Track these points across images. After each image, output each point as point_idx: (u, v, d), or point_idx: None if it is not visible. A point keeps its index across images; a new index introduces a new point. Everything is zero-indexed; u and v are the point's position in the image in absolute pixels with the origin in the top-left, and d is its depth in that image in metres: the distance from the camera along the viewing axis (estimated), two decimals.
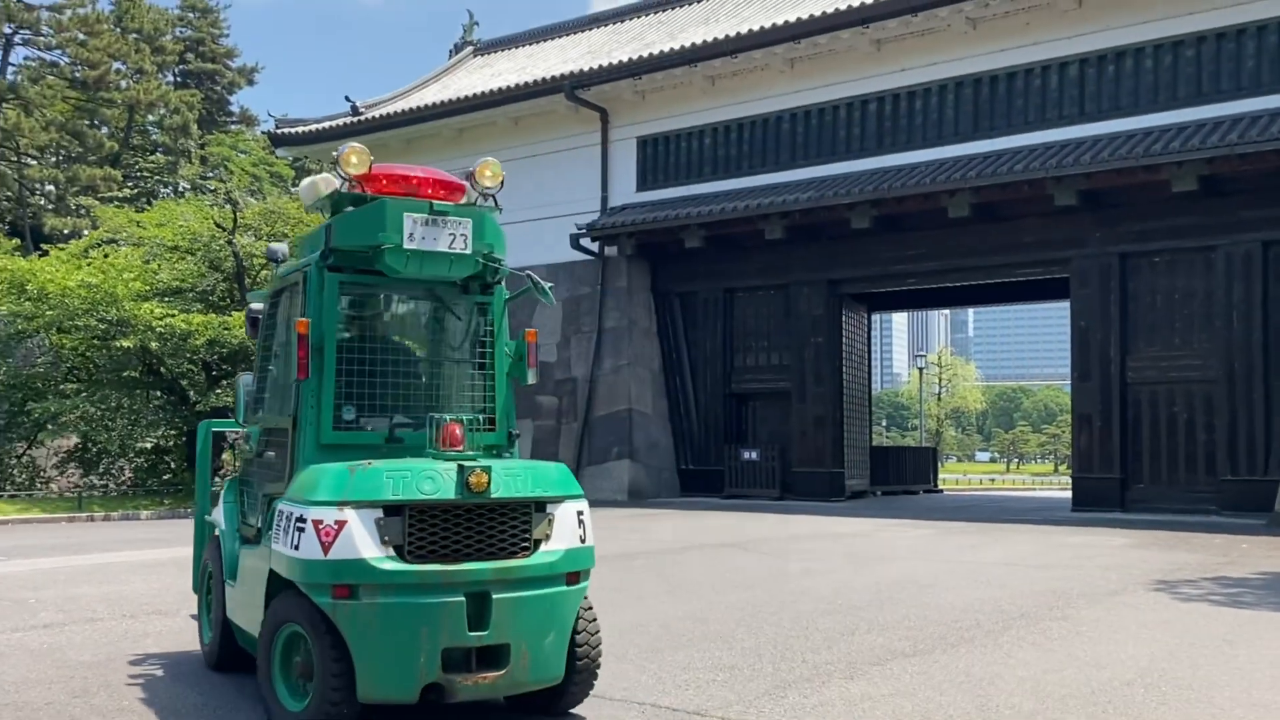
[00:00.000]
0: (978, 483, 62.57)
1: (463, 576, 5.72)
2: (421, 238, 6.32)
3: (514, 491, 5.95)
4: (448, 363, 6.91)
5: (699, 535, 17.18)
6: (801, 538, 16.93)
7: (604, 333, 29.00)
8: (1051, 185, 22.40)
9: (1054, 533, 18.00)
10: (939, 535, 17.61)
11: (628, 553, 14.57)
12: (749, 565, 13.23)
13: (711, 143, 28.23)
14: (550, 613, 6.00)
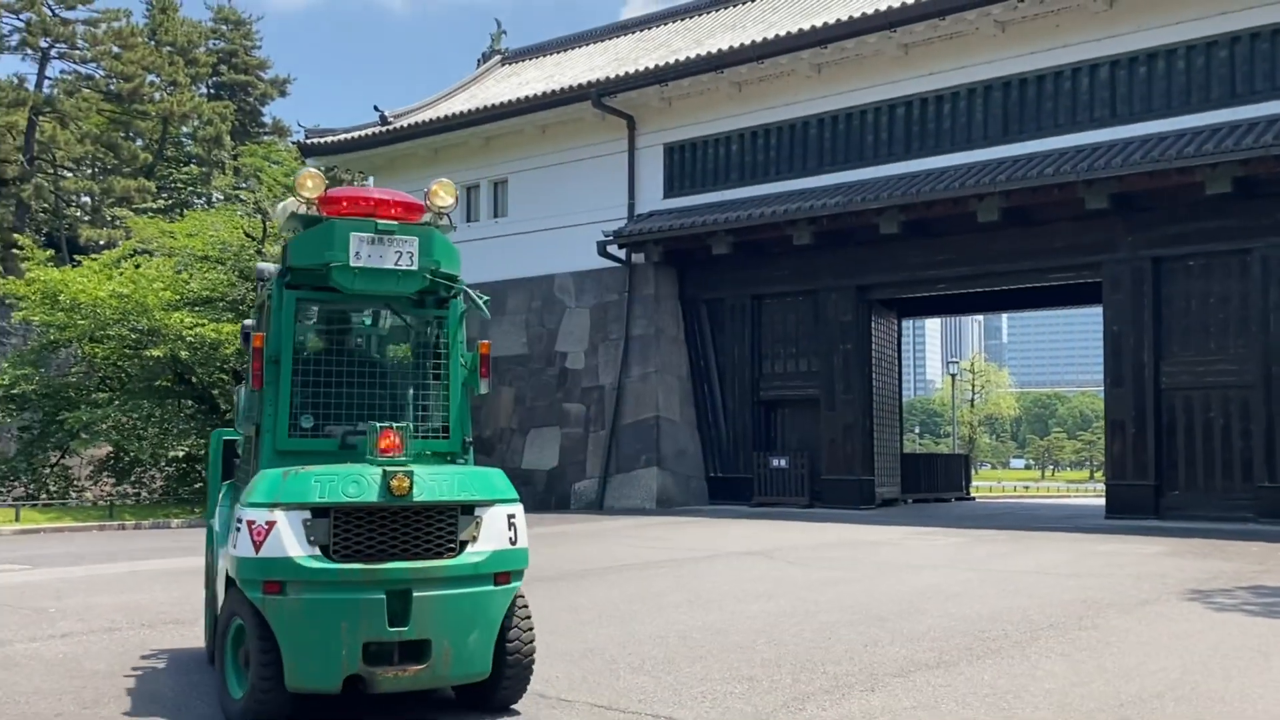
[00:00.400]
0: (1011, 490, 61.98)
1: (383, 575, 6.05)
2: (368, 255, 6.66)
3: (437, 495, 6.23)
4: (404, 374, 7.20)
5: (724, 544, 17.03)
6: (828, 546, 16.75)
7: (631, 340, 28.89)
8: (1082, 189, 22.11)
9: (1086, 541, 17.72)
10: (968, 544, 17.38)
11: (651, 562, 14.45)
12: (773, 574, 13.08)
13: (738, 149, 28.10)
14: (474, 611, 6.27)
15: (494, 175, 32.51)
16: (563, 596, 11.18)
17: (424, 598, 6.09)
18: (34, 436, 28.53)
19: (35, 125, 49.46)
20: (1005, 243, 24.49)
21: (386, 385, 7.13)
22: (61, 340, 27.84)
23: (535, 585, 11.89)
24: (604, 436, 28.61)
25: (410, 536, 6.18)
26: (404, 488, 6.10)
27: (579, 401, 29.51)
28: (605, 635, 9.00)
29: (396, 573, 6.06)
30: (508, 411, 30.76)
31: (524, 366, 30.78)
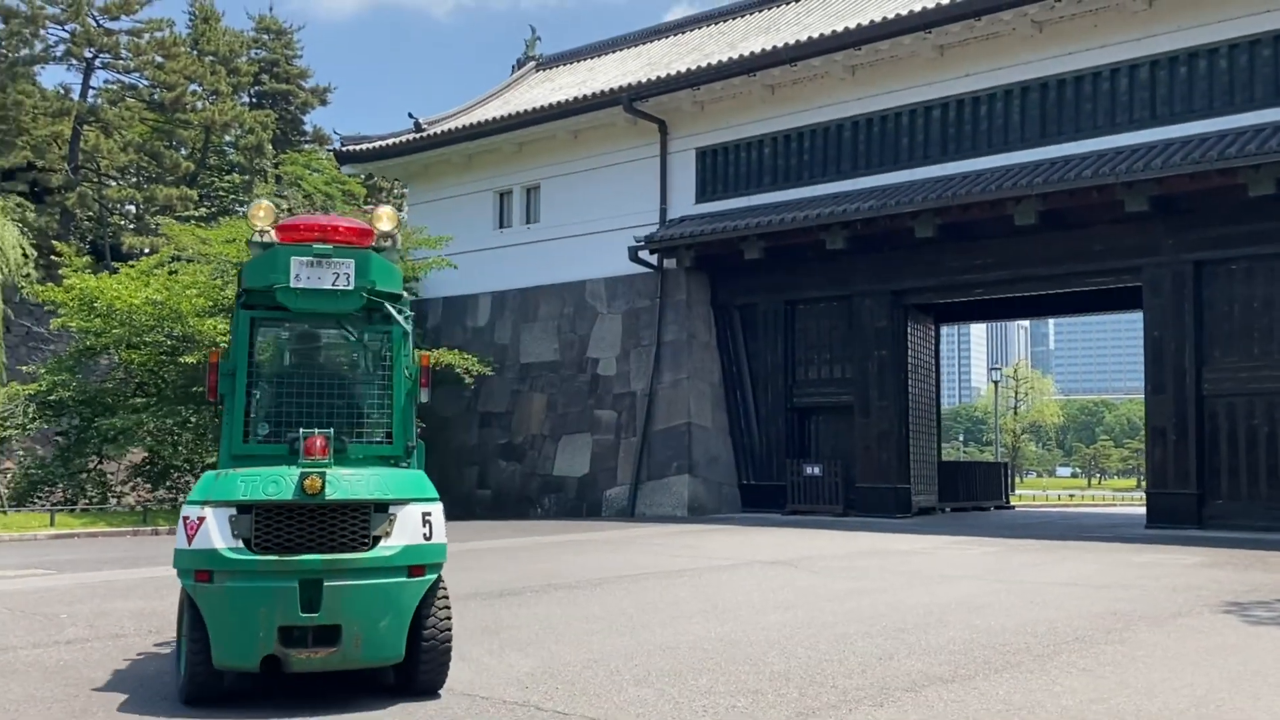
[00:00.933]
0: (1055, 499, 61.11)
1: (297, 565, 6.66)
2: (307, 278, 7.29)
3: (350, 494, 6.82)
4: (354, 384, 7.82)
5: (751, 552, 16.77)
6: (857, 555, 16.45)
7: (663, 346, 28.69)
8: (1121, 191, 21.66)
9: (1123, 551, 17.29)
10: (1002, 554, 17.01)
11: (674, 570, 14.23)
12: (796, 584, 12.81)
13: (771, 152, 27.84)
14: (385, 600, 6.80)
15: (526, 181, 32.44)
16: (578, 605, 10.99)
17: (334, 587, 6.69)
18: (70, 442, 28.75)
19: (80, 134, 50.10)
20: (1043, 246, 24.06)
21: (337, 395, 7.68)
22: (98, 346, 28.03)
23: (551, 593, 11.71)
24: (635, 443, 28.42)
25: (324, 531, 6.78)
26: (316, 487, 6.71)
27: (610, 408, 29.35)
28: (614, 645, 8.80)
29: (309, 564, 6.68)
30: (539, 418, 30.65)
31: (555, 373, 30.66)
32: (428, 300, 34.13)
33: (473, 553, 16.74)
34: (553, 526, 23.68)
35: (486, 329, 32.60)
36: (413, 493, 7.05)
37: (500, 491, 30.86)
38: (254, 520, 6.71)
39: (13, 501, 27.91)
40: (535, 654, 8.46)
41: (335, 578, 6.70)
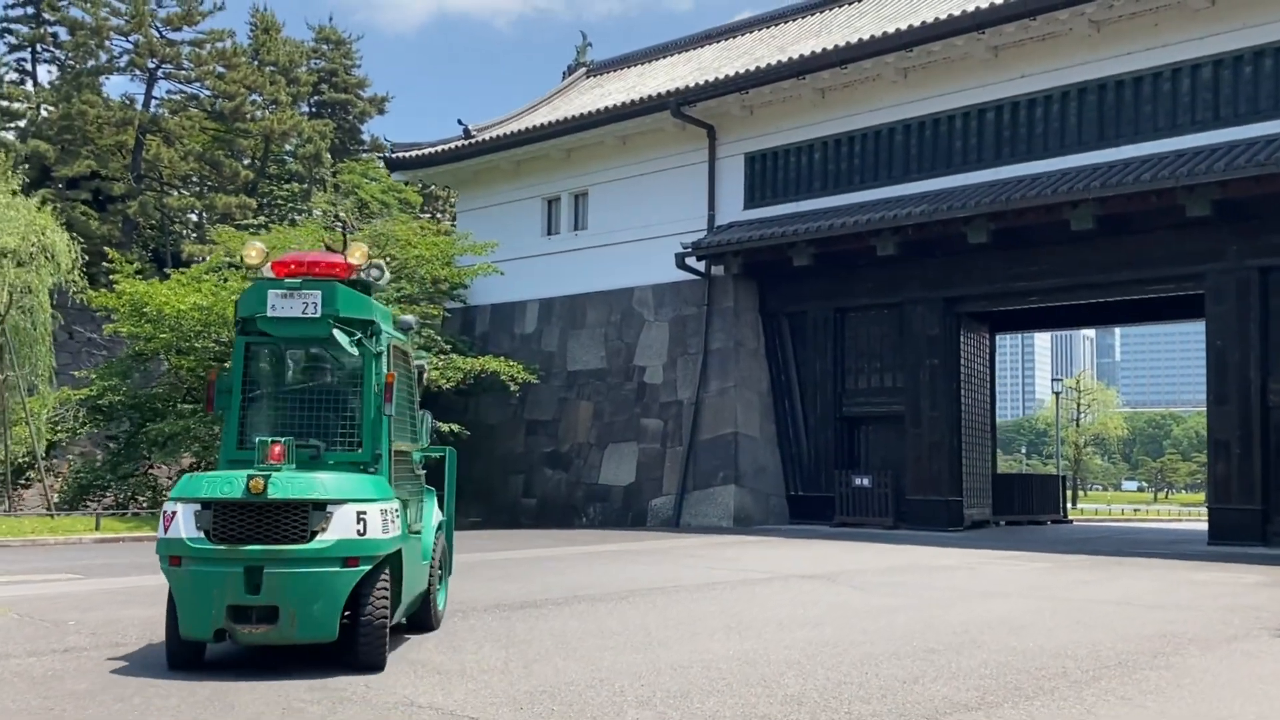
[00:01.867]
0: (1119, 512, 59.64)
1: (242, 554, 7.77)
2: (281, 307, 8.38)
3: (289, 494, 7.82)
4: (329, 399, 8.83)
5: (790, 565, 16.27)
6: (899, 570, 15.89)
7: (710, 354, 28.25)
8: (1182, 195, 20.88)
9: (1180, 568, 16.55)
10: (1051, 570, 16.35)
11: (706, 583, 13.79)
12: (829, 600, 12.32)
13: (821, 157, 27.31)
14: (319, 586, 7.78)
15: (574, 188, 32.19)
16: (597, 619, 10.60)
17: (273, 573, 7.73)
18: (121, 447, 28.94)
19: (142, 144, 50.78)
20: (1101, 253, 23.32)
21: (317, 408, 8.78)
22: (147, 351, 28.21)
23: (573, 606, 11.33)
24: (681, 452, 27.99)
25: (267, 525, 7.84)
26: (259, 488, 7.77)
27: (657, 416, 28.94)
28: (624, 663, 8.40)
29: (253, 553, 7.77)
30: (585, 426, 30.33)
31: (602, 381, 30.33)
32: (475, 307, 34.00)
33: (505, 563, 16.43)
34: (594, 536, 23.33)
35: (534, 336, 32.38)
36: (350, 494, 7.98)
37: (545, 500, 30.58)
38: (212, 515, 7.86)
39: (64, 505, 28.16)
40: (540, 671, 8.09)
41: (275, 565, 7.76)
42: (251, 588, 7.75)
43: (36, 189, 48.03)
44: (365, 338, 8.59)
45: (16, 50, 53.62)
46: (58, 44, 54.20)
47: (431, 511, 10.00)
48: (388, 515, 8.13)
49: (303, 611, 7.77)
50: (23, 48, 53.96)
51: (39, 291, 24.88)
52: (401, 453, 9.08)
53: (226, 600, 7.77)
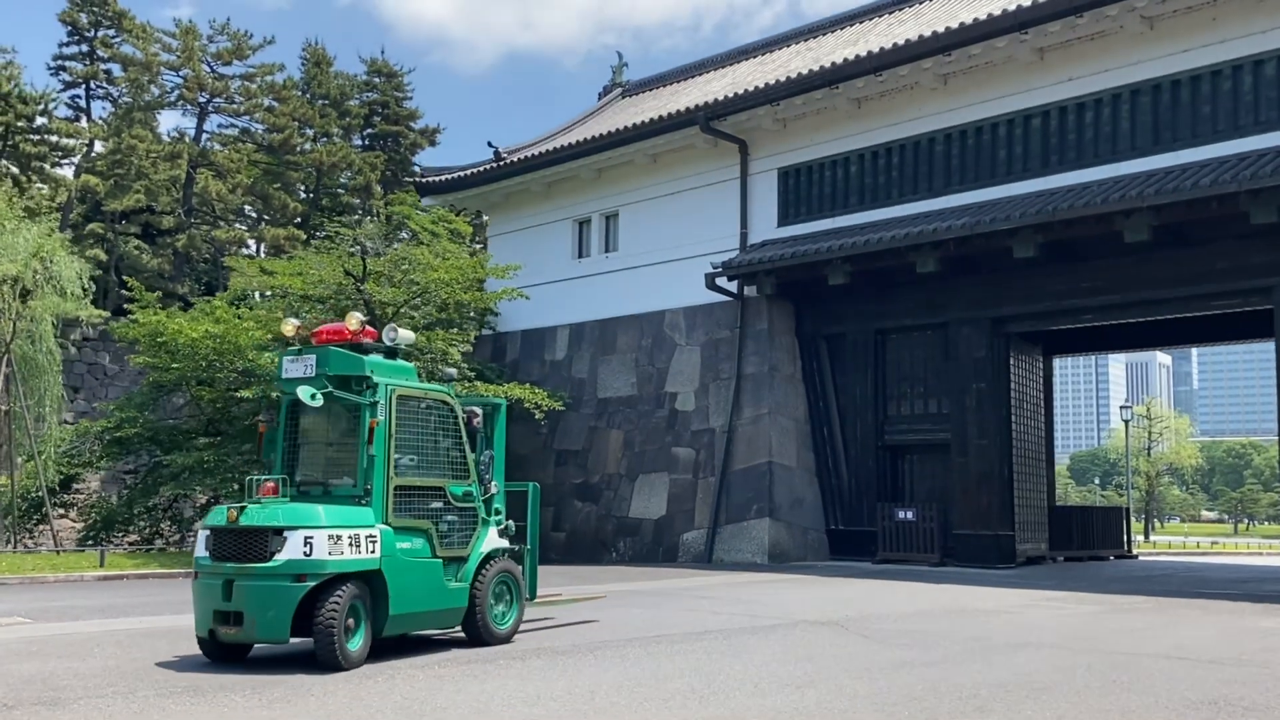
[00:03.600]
0: (1194, 545, 56.79)
1: (222, 570, 9.66)
2: (289, 370, 10.41)
3: (254, 522, 9.57)
4: (338, 444, 10.60)
5: (805, 609, 14.75)
6: (928, 615, 14.30)
7: (743, 379, 26.80)
8: (1246, 201, 19.10)
9: (1249, 613, 14.74)
10: (1102, 614, 14.64)
11: (697, 632, 12.34)
12: (830, 653, 10.81)
13: (858, 170, 25.84)
14: (272, 597, 9.43)
15: (605, 209, 31.01)
16: (544, 678, 9.21)
17: (240, 585, 9.52)
18: (139, 480, 28.14)
19: (193, 178, 50.69)
20: (1158, 267, 21.58)
21: (331, 451, 10.64)
22: (164, 382, 27.43)
23: (529, 661, 10.00)
24: (713, 484, 26.51)
25: (241, 547, 9.63)
26: (233, 518, 9.70)
27: (689, 445, 27.51)
28: None
29: (227, 569, 9.65)
30: (616, 456, 28.97)
31: (632, 409, 28.99)
32: (506, 334, 32.91)
33: None
34: (611, 574, 21.92)
35: (564, 362, 31.16)
36: (302, 522, 9.55)
37: (575, 534, 29.23)
38: (211, 538, 9.88)
39: (89, 540, 27.40)
40: None
41: (242, 579, 9.55)
42: (227, 596, 9.59)
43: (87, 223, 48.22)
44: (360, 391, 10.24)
45: (71, 88, 53.98)
46: (111, 80, 54.53)
47: (484, 538, 11.15)
48: (341, 540, 9.58)
49: (260, 617, 9.49)
50: (76, 84, 54.35)
51: (42, 320, 24.17)
52: (415, 487, 10.45)
53: (212, 606, 9.71)
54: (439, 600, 10.52)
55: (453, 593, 10.63)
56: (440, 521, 10.59)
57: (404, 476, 10.28)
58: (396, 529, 10.09)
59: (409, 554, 10.18)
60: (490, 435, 11.79)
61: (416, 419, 10.58)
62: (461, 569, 10.77)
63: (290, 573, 9.39)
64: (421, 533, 10.36)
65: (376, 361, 10.42)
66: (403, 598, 10.07)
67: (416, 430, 10.57)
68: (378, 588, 9.93)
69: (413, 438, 10.50)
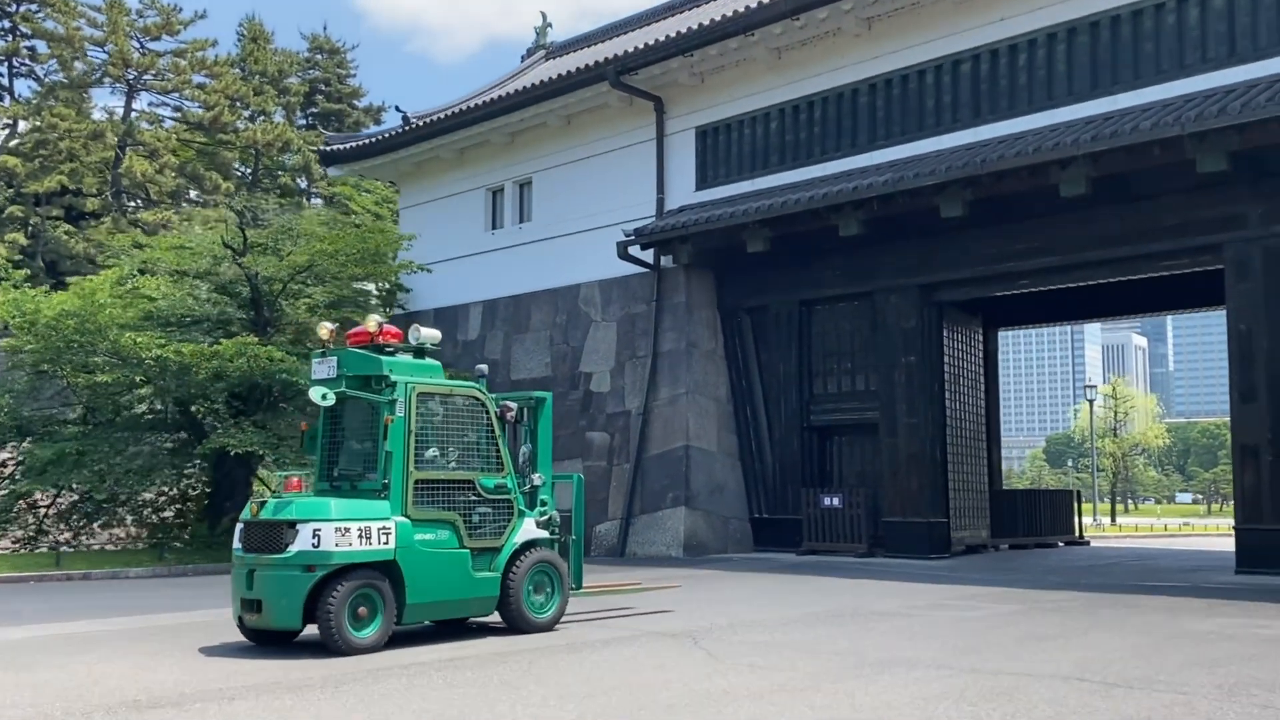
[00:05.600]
0: (1162, 528, 54.99)
1: (247, 561, 10.50)
2: (316, 372, 11.25)
3: (272, 516, 10.41)
4: (365, 440, 11.09)
5: (670, 617, 12.63)
6: (811, 621, 12.21)
7: (659, 356, 24.65)
8: (1192, 146, 17.03)
9: (1188, 612, 12.70)
10: (1016, 616, 12.57)
11: (502, 653, 10.21)
12: (651, 678, 8.68)
13: (779, 127, 23.68)
14: (285, 586, 10.14)
15: (518, 176, 28.76)
16: None
17: (259, 575, 10.29)
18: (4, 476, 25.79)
19: (121, 158, 48.23)
20: (1099, 225, 19.53)
21: (360, 447, 11.13)
22: (25, 366, 25.09)
23: (237, 703, 7.84)
24: (628, 470, 24.37)
25: (262, 539, 10.42)
26: (255, 512, 10.61)
27: (603, 429, 25.36)
28: None
29: (250, 559, 10.45)
30: None
31: (547, 390, 26.72)
32: (419, 313, 30.61)
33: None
34: None
35: (477, 342, 28.95)
36: (313, 516, 10.10)
37: None
38: (243, 531, 10.59)
39: None
40: None
41: (261, 570, 10.21)
42: (250, 585, 10.20)
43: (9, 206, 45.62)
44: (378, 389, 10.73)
45: None
46: (35, 57, 51.94)
47: (520, 529, 11.42)
48: (349, 532, 10.03)
49: (275, 604, 10.03)
50: None
51: None
52: (439, 481, 10.78)
53: (240, 594, 10.33)
54: (465, 590, 10.88)
55: (481, 582, 10.99)
56: (472, 513, 10.99)
57: (425, 470, 10.70)
58: (418, 521, 10.55)
59: (430, 545, 10.59)
60: (534, 428, 12.18)
61: (442, 415, 10.98)
62: (495, 559, 11.15)
63: (301, 563, 9.94)
64: (447, 524, 10.79)
65: (396, 361, 10.94)
66: (422, 587, 10.49)
67: (442, 425, 10.97)
68: (396, 578, 10.36)
69: (437, 433, 10.93)
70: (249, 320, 25.46)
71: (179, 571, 21.96)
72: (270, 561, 10.07)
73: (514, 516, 11.40)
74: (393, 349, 11.12)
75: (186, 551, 24.11)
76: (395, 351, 11.11)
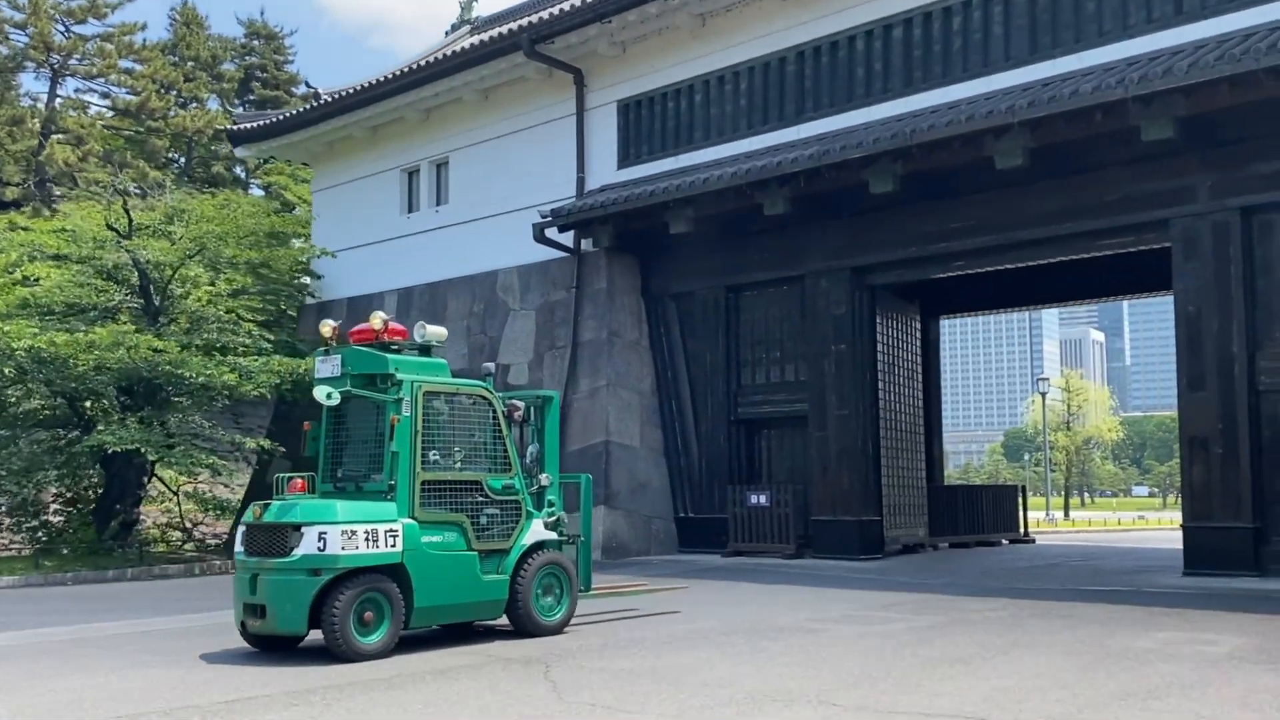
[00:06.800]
0: (1115, 522, 54.11)
1: (250, 564, 10.08)
2: (319, 371, 10.79)
3: (276, 519, 9.99)
4: (371, 440, 10.68)
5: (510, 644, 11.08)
6: (685, 642, 10.68)
7: (579, 347, 23.08)
8: (1137, 112, 15.65)
9: (1129, 624, 11.27)
10: (931, 632, 11.09)
11: (310, 687, 8.61)
12: (452, 714, 7.13)
13: (704, 100, 22.15)
14: (289, 590, 9.72)
15: (435, 156, 27.06)
16: None
17: (262, 579, 9.86)
18: None
19: (44, 146, 46.11)
20: (1039, 201, 18.13)
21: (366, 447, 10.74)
22: None
23: None
24: None
25: (265, 543, 10.00)
26: (258, 515, 10.20)
27: None
28: None
29: (253, 564, 10.03)
30: None
31: None
32: (332, 302, 28.88)
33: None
34: None
35: None
36: (318, 518, 9.79)
37: None
38: (245, 534, 10.27)
39: None
40: None
41: (264, 574, 9.88)
42: (253, 590, 9.93)
43: None
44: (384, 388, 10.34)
45: None
46: None
47: (528, 530, 11.14)
48: (356, 535, 9.76)
49: (279, 609, 9.75)
50: None
51: None
52: (446, 482, 10.47)
53: (243, 599, 10.07)
54: (473, 593, 10.65)
55: (490, 585, 10.77)
56: (479, 515, 10.77)
57: (432, 471, 10.45)
58: (424, 523, 10.28)
59: (437, 547, 10.34)
60: (542, 428, 11.98)
61: (448, 414, 10.75)
62: (503, 561, 10.92)
63: (306, 567, 9.64)
64: (454, 526, 10.55)
65: (403, 359, 10.64)
66: (429, 591, 10.23)
67: (449, 425, 10.73)
68: (403, 581, 10.07)
69: (445, 433, 10.68)
70: (141, 309, 23.67)
71: (57, 580, 20.17)
72: (274, 565, 9.75)
73: (522, 518, 11.21)
74: (398, 347, 10.88)
75: (70, 558, 22.29)
76: (401, 349, 10.88)
